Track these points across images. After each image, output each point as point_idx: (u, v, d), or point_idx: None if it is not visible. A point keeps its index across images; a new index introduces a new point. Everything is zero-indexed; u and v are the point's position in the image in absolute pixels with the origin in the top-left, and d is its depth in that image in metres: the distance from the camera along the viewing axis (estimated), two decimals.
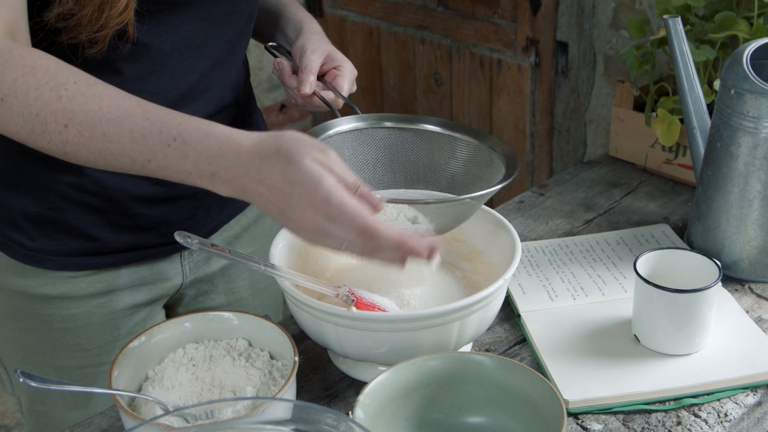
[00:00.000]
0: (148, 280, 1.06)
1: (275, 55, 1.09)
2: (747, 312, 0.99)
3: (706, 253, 1.00)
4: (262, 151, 0.73)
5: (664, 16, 1.13)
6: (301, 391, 0.91)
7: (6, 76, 0.77)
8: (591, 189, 1.32)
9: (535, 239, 1.18)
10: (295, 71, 1.04)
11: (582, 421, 0.86)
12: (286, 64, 1.05)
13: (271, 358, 0.87)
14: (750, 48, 1.03)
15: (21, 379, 0.74)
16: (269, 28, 1.14)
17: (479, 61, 2.18)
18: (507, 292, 1.02)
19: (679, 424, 0.85)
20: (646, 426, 0.85)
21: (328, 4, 2.58)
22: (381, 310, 0.86)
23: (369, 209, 0.73)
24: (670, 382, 0.88)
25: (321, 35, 1.08)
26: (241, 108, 1.10)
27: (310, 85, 1.01)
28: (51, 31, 0.85)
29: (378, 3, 2.40)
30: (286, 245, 0.94)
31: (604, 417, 0.86)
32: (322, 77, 1.05)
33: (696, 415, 0.86)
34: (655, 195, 1.29)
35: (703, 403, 0.87)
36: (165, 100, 0.80)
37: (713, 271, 0.91)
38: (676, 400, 0.87)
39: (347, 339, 0.84)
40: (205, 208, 1.07)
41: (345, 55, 1.06)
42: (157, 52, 0.92)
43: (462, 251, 1.01)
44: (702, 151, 1.13)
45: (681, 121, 1.24)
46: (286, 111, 2.94)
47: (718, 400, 0.87)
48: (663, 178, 1.33)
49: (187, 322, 0.89)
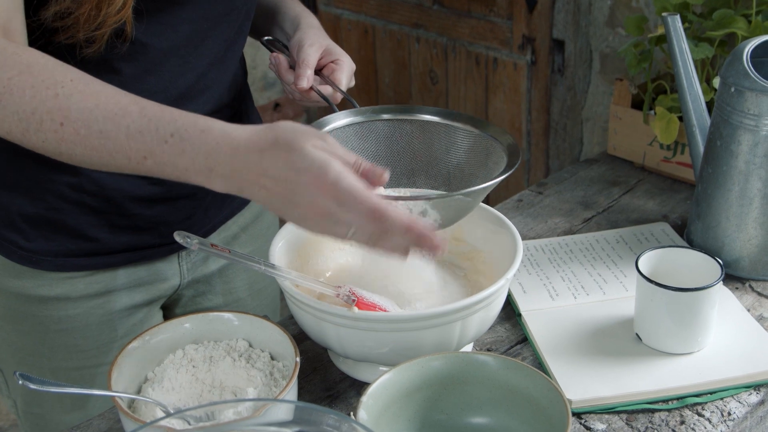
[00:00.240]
0: (146, 280, 1.05)
1: (271, 50, 1.08)
2: (748, 310, 0.99)
3: (707, 252, 0.99)
4: (260, 143, 0.72)
5: (663, 14, 1.12)
6: (302, 391, 0.90)
7: (1, 74, 0.76)
8: (590, 187, 1.32)
9: (534, 238, 1.18)
10: (293, 66, 1.03)
11: (585, 420, 0.85)
12: (282, 59, 1.04)
13: (272, 358, 0.87)
14: (750, 45, 1.02)
15: (20, 381, 0.73)
16: (267, 24, 1.13)
17: (475, 59, 2.17)
18: (507, 291, 1.01)
19: (682, 423, 0.84)
20: (649, 425, 0.84)
21: (322, 2, 2.56)
22: (382, 310, 0.86)
23: (374, 185, 0.73)
24: (673, 381, 0.88)
25: (319, 29, 1.07)
26: (239, 106, 1.09)
27: (308, 79, 1.00)
28: (48, 30, 0.84)
29: (373, 1, 2.39)
30: (286, 245, 0.93)
31: (607, 416, 0.86)
32: (319, 72, 1.04)
33: (699, 414, 0.85)
34: (654, 193, 1.29)
35: (706, 402, 0.87)
36: (164, 100, 0.79)
37: (715, 270, 0.91)
38: (680, 399, 0.87)
39: (348, 339, 0.83)
40: (203, 208, 1.06)
41: None
42: (156, 51, 0.91)
43: (462, 250, 1.00)
44: (701, 149, 1.12)
45: (679, 118, 1.24)
46: (280, 109, 2.93)
47: (721, 399, 0.87)
48: (661, 175, 1.33)
49: (186, 323, 0.88)
